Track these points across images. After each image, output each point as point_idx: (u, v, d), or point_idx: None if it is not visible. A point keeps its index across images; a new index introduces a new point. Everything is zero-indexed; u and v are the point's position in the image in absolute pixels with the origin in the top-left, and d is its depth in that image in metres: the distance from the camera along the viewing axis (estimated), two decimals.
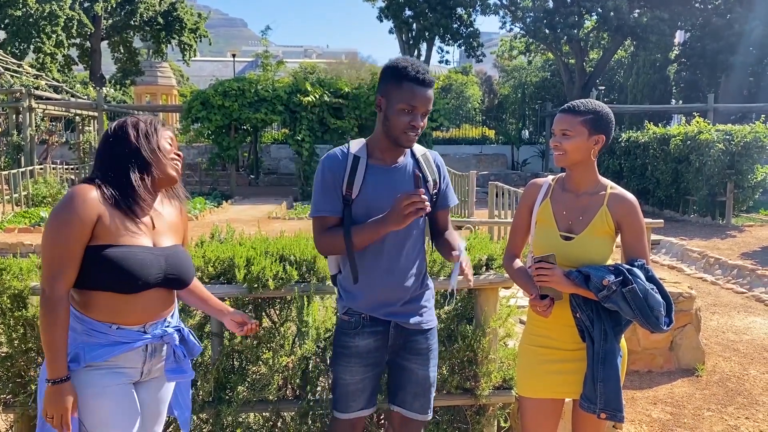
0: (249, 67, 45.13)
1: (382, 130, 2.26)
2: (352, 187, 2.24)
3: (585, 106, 2.29)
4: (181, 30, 33.43)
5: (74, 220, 1.92)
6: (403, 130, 2.20)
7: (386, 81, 2.22)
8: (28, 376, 2.76)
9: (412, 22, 27.89)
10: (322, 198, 2.27)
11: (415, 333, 2.37)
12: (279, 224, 11.79)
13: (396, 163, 2.31)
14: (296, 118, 17.59)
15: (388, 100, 2.21)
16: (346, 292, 2.35)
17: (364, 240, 2.21)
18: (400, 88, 2.17)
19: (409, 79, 2.17)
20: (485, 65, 43.39)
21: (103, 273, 1.95)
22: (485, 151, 25.78)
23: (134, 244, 2.00)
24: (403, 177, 2.30)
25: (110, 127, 2.11)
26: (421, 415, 2.43)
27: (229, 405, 2.77)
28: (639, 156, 15.29)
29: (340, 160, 2.28)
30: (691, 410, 4.24)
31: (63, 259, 1.92)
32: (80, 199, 1.94)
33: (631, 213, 2.29)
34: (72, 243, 1.92)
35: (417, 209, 2.05)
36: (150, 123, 2.11)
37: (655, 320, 2.11)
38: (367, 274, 2.29)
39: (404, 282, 2.32)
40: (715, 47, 23.36)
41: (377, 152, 2.30)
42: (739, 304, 7.09)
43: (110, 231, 1.96)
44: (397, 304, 2.32)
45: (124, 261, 1.95)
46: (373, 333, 2.32)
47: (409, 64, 2.19)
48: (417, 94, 2.17)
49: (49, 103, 19.11)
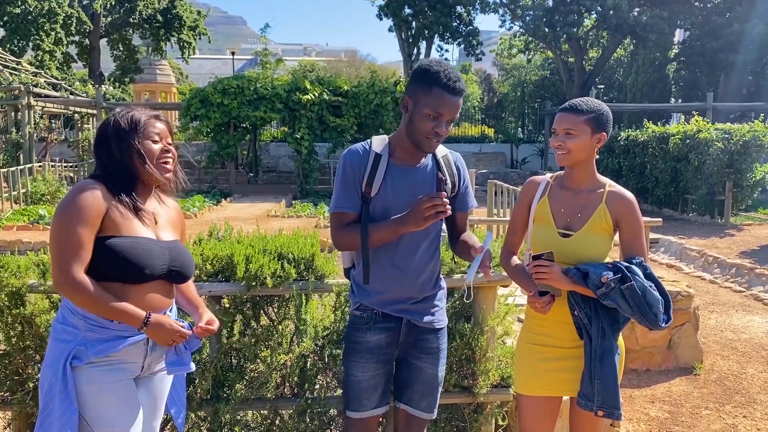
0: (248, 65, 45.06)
1: (405, 131, 2.25)
2: (372, 185, 2.24)
3: (587, 104, 2.29)
4: (180, 28, 33.36)
5: (83, 210, 1.94)
6: (426, 135, 2.18)
7: (416, 83, 2.19)
8: (26, 374, 2.76)
9: (412, 20, 27.86)
10: (342, 194, 2.27)
11: (427, 332, 2.38)
12: (278, 222, 11.78)
13: (417, 164, 2.31)
14: (295, 117, 17.57)
15: (415, 102, 2.19)
16: (359, 288, 2.35)
17: (382, 238, 2.22)
18: (429, 93, 2.14)
19: (440, 85, 2.13)
20: (485, 64, 43.37)
21: (110, 263, 1.97)
22: (484, 149, 25.79)
23: (140, 236, 2.04)
24: (423, 179, 2.30)
25: (100, 125, 2.13)
26: (427, 413, 2.44)
27: (227, 403, 2.77)
28: (638, 155, 15.29)
29: (361, 156, 2.27)
30: (689, 409, 4.25)
31: (74, 247, 1.93)
32: (87, 192, 1.97)
33: (630, 211, 2.30)
34: (82, 231, 1.93)
35: (437, 212, 2.06)
36: (130, 123, 2.06)
37: (654, 317, 2.11)
38: (381, 272, 2.29)
39: (417, 281, 2.32)
40: (714, 46, 23.35)
41: (399, 151, 2.29)
42: (738, 303, 7.09)
43: (116, 223, 1.99)
44: (408, 302, 2.33)
45: (132, 250, 1.99)
46: (385, 329, 2.33)
47: (442, 70, 2.14)
48: (445, 102, 2.14)
49: (48, 100, 19.08)
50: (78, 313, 2.01)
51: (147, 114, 2.11)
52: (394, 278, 2.29)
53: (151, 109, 2.19)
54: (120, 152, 2.05)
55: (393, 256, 2.28)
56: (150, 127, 2.09)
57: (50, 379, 1.98)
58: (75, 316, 2.01)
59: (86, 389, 1.98)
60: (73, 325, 2.00)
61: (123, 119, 2.07)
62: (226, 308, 2.83)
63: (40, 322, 2.67)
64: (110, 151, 2.06)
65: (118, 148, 2.05)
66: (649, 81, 27.30)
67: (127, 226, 2.02)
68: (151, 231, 2.09)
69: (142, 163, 2.06)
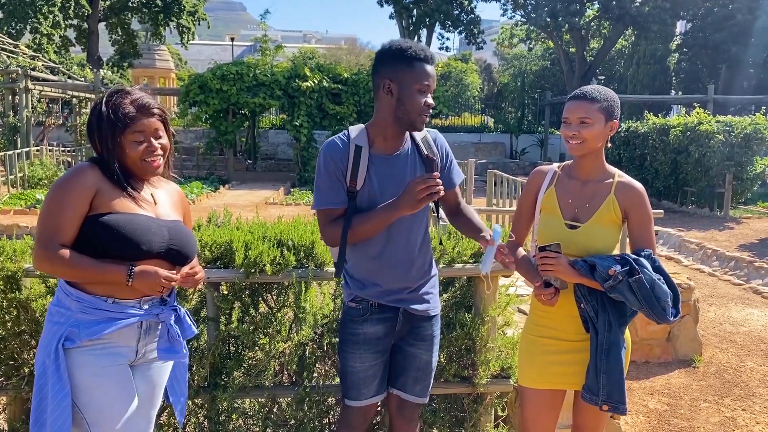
0: (247, 52, 44.81)
1: (392, 116, 2.20)
2: (356, 179, 2.21)
3: (599, 92, 2.24)
4: (179, 13, 33.13)
5: (72, 188, 1.95)
6: (420, 111, 2.18)
7: (394, 64, 2.17)
8: (21, 359, 2.73)
9: (413, 7, 27.73)
10: (327, 190, 2.22)
11: (422, 319, 2.37)
12: (276, 210, 11.75)
13: (397, 151, 2.27)
14: (294, 104, 17.49)
15: (399, 82, 2.16)
16: (353, 280, 2.32)
17: (375, 227, 2.18)
18: (413, 68, 2.15)
19: (419, 59, 2.16)
20: (485, 53, 43.20)
21: (106, 239, 1.95)
22: (484, 139, 25.72)
23: (137, 213, 2.02)
24: (405, 164, 2.27)
25: (92, 107, 2.09)
26: (420, 398, 2.44)
27: (224, 390, 2.75)
28: (638, 146, 15.24)
29: (341, 149, 2.22)
30: (687, 401, 4.24)
31: (58, 226, 1.94)
32: (80, 172, 1.99)
33: (639, 202, 2.26)
34: (68, 210, 1.94)
35: (431, 193, 2.04)
36: (115, 116, 1.99)
37: (662, 311, 2.07)
38: (375, 262, 2.26)
39: (411, 269, 2.30)
40: (716, 38, 23.28)
41: (380, 140, 2.26)
42: (737, 296, 7.08)
43: (110, 202, 1.98)
44: (404, 292, 2.30)
45: (128, 224, 1.97)
46: (382, 320, 2.31)
47: (413, 44, 2.19)
48: (428, 73, 2.18)
49: (46, 84, 18.94)
50: (72, 294, 1.99)
51: (135, 105, 2.02)
52: (388, 268, 2.27)
53: (146, 92, 2.10)
54: (104, 143, 2.01)
55: (387, 246, 2.25)
56: (135, 125, 2.01)
57: (44, 361, 1.96)
58: (69, 297, 1.99)
59: (78, 373, 1.95)
60: (67, 307, 1.99)
61: (110, 108, 1.99)
62: (224, 295, 2.80)
63: (36, 306, 2.64)
64: (95, 140, 2.04)
65: (102, 139, 2.01)
66: (650, 72, 27.22)
67: (122, 205, 2.00)
68: (150, 211, 2.07)
69: (126, 158, 2.03)
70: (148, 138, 2.04)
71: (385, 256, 2.26)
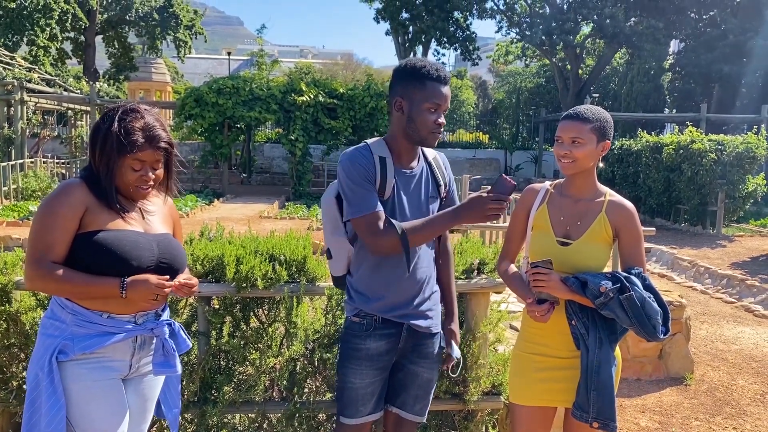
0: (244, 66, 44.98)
1: (402, 132, 2.24)
2: (385, 188, 2.22)
3: (592, 112, 2.27)
4: (176, 26, 33.29)
5: (62, 206, 1.95)
6: (431, 129, 2.21)
7: (406, 82, 2.20)
8: (10, 372, 2.71)
9: (409, 24, 27.90)
10: (366, 193, 2.18)
11: (425, 336, 2.36)
12: (270, 224, 11.73)
13: (412, 166, 2.31)
14: (290, 118, 17.53)
15: (410, 101, 2.19)
16: (358, 294, 2.30)
17: (431, 234, 2.21)
18: (424, 87, 2.18)
19: (432, 78, 2.18)
20: (480, 70, 43.47)
21: (96, 257, 1.95)
22: (478, 155, 25.83)
23: (125, 229, 2.02)
24: (420, 181, 2.30)
25: (98, 119, 2.08)
26: (419, 417, 2.43)
27: (214, 405, 2.73)
28: (631, 164, 15.32)
29: (367, 158, 2.22)
30: (679, 419, 4.23)
31: (49, 244, 1.94)
32: (68, 190, 1.99)
33: (630, 220, 2.27)
34: (58, 227, 1.94)
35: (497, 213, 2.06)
36: (117, 139, 1.97)
37: (652, 329, 2.08)
38: (383, 276, 2.26)
39: (418, 285, 2.31)
40: (709, 57, 23.49)
41: (398, 154, 2.28)
42: (729, 314, 7.10)
43: (99, 220, 1.98)
44: (408, 307, 2.30)
45: (117, 242, 1.97)
46: (386, 335, 2.29)
47: (427, 64, 2.21)
48: (441, 92, 2.20)
49: (42, 96, 18.96)
50: (67, 307, 1.99)
51: (145, 134, 2.00)
52: (396, 283, 2.26)
53: (158, 117, 2.08)
54: (103, 159, 2.01)
55: (395, 260, 2.24)
56: (138, 154, 1.99)
57: (36, 374, 1.95)
58: (64, 310, 1.99)
59: (71, 387, 1.94)
60: (62, 320, 1.98)
61: (122, 129, 1.98)
62: (215, 309, 2.79)
63: (26, 319, 2.63)
64: (96, 151, 2.03)
65: (102, 155, 2.01)
66: (643, 91, 27.41)
67: (110, 222, 2.00)
68: (138, 226, 2.07)
69: (119, 178, 2.02)
70: (145, 168, 2.03)
71: (395, 269, 2.25)
